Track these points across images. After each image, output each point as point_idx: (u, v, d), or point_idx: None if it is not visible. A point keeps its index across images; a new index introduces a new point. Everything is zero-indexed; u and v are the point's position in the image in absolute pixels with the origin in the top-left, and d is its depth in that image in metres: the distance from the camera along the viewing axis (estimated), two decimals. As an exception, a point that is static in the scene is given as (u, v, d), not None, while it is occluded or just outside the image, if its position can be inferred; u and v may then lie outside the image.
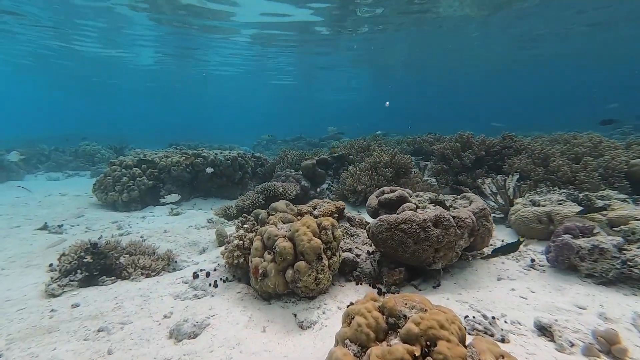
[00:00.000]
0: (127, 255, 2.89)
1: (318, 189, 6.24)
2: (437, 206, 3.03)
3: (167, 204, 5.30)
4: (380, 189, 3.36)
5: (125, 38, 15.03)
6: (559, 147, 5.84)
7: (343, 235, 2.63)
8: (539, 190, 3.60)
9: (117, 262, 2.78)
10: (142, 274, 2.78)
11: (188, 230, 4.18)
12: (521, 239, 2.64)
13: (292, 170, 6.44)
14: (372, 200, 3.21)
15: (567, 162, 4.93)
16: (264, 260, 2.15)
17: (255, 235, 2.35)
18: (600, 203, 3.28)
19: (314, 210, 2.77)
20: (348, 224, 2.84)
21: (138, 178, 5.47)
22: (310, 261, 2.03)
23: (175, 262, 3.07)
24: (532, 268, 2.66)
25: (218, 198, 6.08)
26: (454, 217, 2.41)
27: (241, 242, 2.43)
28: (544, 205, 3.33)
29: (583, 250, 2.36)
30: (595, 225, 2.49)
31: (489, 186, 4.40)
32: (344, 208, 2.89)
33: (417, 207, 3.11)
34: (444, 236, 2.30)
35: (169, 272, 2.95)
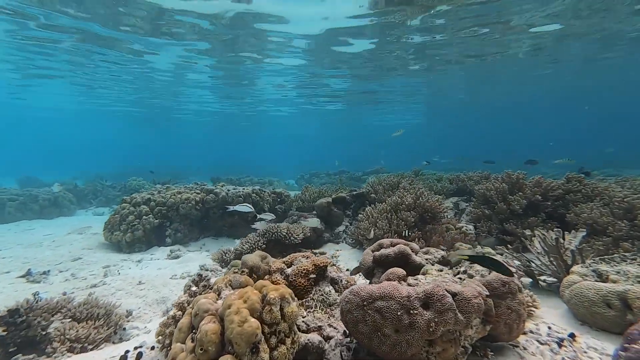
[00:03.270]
0: (68, 320, 2.54)
1: (335, 231, 5.89)
2: (445, 271, 2.48)
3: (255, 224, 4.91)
4: (379, 242, 2.92)
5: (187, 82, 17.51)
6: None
7: (317, 307, 2.18)
8: (608, 256, 2.74)
9: (44, 333, 2.36)
10: (71, 349, 2.37)
11: (166, 282, 3.98)
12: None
13: (306, 212, 6.26)
14: (367, 256, 2.78)
15: (662, 216, 3.82)
16: (184, 350, 1.63)
17: (190, 307, 1.87)
18: None
19: (288, 267, 2.44)
20: (330, 288, 2.44)
21: (144, 217, 5.42)
22: (240, 355, 1.52)
23: (124, 329, 2.77)
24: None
25: (230, 238, 6.09)
26: (454, 295, 1.88)
27: (180, 312, 2.11)
28: (615, 281, 2.49)
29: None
30: None
31: (539, 241, 3.56)
32: (327, 266, 2.52)
33: (421, 270, 2.59)
34: (437, 323, 1.77)
35: (113, 342, 2.64)
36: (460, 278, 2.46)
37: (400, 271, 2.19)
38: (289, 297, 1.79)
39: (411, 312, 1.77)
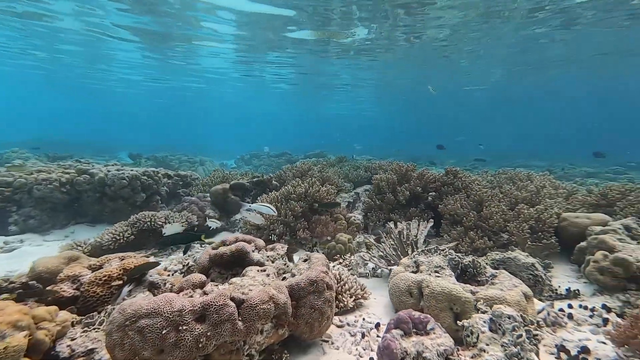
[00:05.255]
0: None
1: (231, 219, 5.80)
2: (274, 268, 2.57)
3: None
4: (222, 239, 2.91)
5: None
6: (508, 188, 5.44)
7: (101, 324, 2.01)
8: (429, 247, 3.15)
9: None
10: None
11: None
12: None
13: (202, 194, 6.02)
14: (204, 254, 2.75)
15: (502, 209, 4.51)
16: None
17: None
18: (487, 272, 2.83)
19: (93, 272, 2.27)
20: (145, 295, 2.36)
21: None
22: None
23: None
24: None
25: (112, 224, 5.59)
26: (240, 303, 1.94)
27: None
28: (422, 271, 2.87)
29: (408, 357, 1.89)
30: (430, 318, 2.03)
31: (393, 232, 3.94)
32: (143, 269, 2.40)
33: (260, 270, 2.65)
34: (209, 337, 1.78)
35: None
36: (284, 277, 2.57)
37: (198, 278, 2.19)
38: (10, 328, 1.58)
39: (180, 328, 1.74)
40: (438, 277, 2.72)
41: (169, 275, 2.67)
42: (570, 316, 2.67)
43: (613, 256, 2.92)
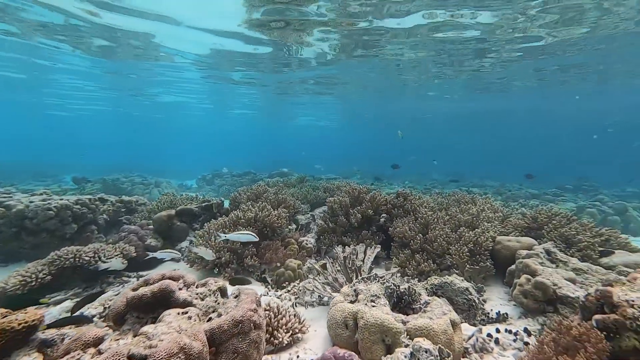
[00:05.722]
0: None
1: (176, 247, 5.45)
2: (200, 308, 2.40)
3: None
4: (145, 279, 2.69)
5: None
6: (454, 210, 5.73)
7: None
8: (370, 274, 3.18)
9: None
10: None
11: None
12: None
13: (146, 222, 5.63)
14: (121, 297, 2.50)
15: (445, 232, 4.72)
16: None
17: None
18: (422, 300, 2.89)
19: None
20: (36, 355, 2.05)
21: None
22: None
23: None
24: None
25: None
26: (143, 359, 1.75)
27: None
28: (360, 301, 2.86)
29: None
30: (354, 356, 2.00)
31: (338, 258, 3.93)
32: (37, 323, 2.10)
33: (185, 307, 2.46)
34: None
35: None
36: (210, 318, 2.41)
37: (92, 334, 1.96)
38: None
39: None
40: (374, 306, 2.72)
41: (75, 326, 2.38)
42: (497, 341, 2.79)
43: (534, 280, 3.14)
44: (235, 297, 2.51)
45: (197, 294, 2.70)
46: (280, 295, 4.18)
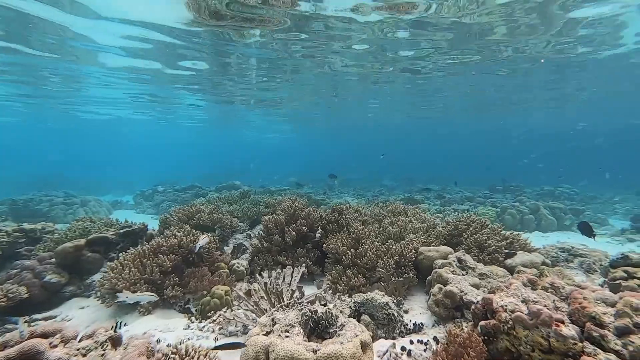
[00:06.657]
0: None
1: (86, 281, 4.84)
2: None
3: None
4: (3, 340, 2.30)
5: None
6: (386, 222, 5.99)
7: None
8: (291, 301, 3.14)
9: None
10: None
11: None
12: None
13: (49, 254, 4.94)
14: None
15: (375, 245, 4.90)
16: None
17: None
18: (339, 322, 2.92)
19: None
20: None
21: None
22: None
23: None
24: None
25: None
26: None
27: None
28: (274, 331, 2.78)
29: None
30: None
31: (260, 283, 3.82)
32: None
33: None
34: None
35: None
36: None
37: None
38: None
39: None
40: (287, 337, 2.66)
41: None
42: (409, 353, 2.92)
43: (444, 289, 3.38)
44: (124, 348, 2.26)
45: (77, 349, 2.38)
46: (204, 327, 3.92)
